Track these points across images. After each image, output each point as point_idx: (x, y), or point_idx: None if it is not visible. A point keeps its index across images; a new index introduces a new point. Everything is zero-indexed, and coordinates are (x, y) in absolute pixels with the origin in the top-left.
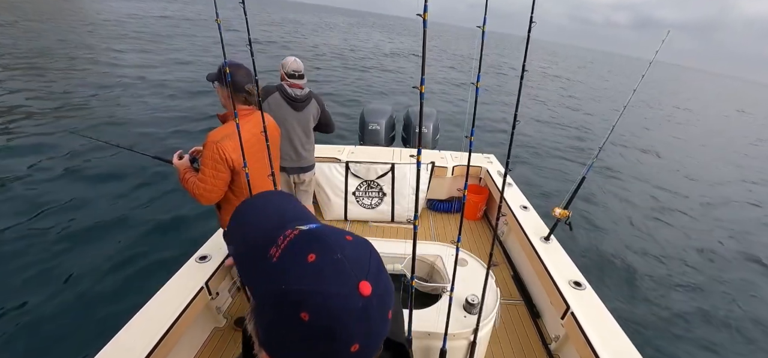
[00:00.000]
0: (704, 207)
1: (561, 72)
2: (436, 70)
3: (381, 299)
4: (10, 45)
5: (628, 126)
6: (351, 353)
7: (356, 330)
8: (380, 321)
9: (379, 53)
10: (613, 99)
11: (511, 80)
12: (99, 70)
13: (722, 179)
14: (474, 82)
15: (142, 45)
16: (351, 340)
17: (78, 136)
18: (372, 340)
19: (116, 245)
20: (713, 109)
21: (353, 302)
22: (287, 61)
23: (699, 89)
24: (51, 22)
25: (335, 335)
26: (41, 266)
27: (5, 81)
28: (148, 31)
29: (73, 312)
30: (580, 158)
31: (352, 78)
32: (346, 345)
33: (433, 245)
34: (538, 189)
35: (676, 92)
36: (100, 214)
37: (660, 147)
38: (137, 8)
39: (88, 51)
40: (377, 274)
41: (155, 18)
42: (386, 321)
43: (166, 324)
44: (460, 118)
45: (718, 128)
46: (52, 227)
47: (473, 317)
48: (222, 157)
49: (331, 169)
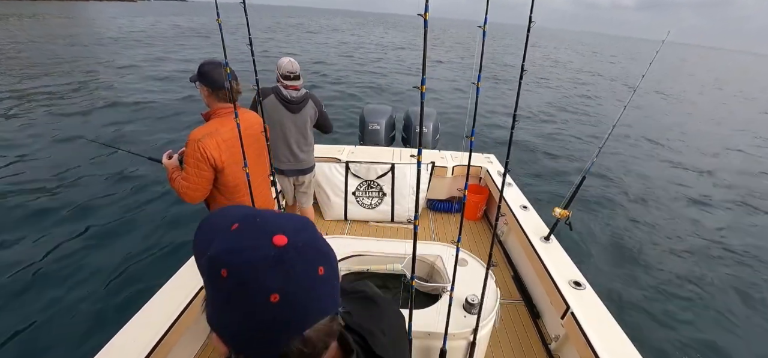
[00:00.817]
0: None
1: (566, 60)
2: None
3: (301, 250)
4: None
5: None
6: (272, 305)
7: (271, 279)
8: (303, 274)
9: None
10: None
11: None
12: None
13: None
14: (474, 82)
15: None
16: (267, 289)
17: (84, 141)
18: (294, 292)
19: (116, 244)
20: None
21: (265, 251)
22: (282, 62)
23: (708, 68)
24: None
25: (249, 286)
26: (31, 268)
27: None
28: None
29: (73, 311)
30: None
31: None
32: (263, 295)
33: (433, 245)
34: (539, 189)
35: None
36: (101, 213)
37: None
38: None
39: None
40: (298, 230)
41: (170, 26)
42: (314, 277)
43: (165, 324)
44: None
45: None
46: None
47: (473, 317)
48: (203, 155)
49: (331, 169)
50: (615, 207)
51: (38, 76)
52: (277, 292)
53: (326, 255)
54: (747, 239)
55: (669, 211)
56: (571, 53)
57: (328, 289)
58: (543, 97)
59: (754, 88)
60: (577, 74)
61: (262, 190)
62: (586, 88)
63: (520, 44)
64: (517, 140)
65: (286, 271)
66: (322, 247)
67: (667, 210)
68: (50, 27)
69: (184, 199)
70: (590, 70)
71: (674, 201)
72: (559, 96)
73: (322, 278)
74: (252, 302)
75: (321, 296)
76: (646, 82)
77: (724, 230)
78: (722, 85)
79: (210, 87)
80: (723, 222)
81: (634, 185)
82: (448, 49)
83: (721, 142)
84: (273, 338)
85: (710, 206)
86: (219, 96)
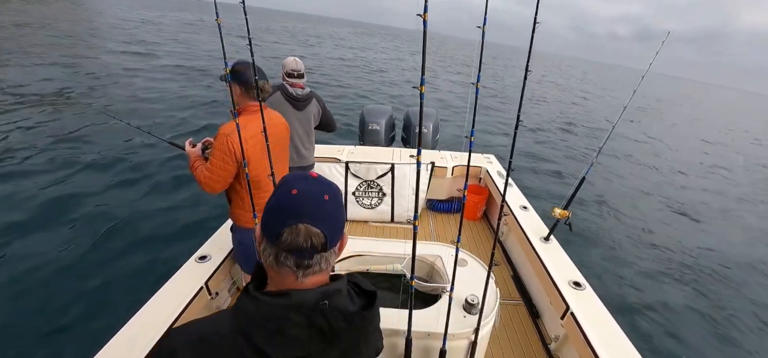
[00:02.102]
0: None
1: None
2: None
3: (315, 185)
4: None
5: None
6: (292, 196)
7: (295, 182)
8: (312, 187)
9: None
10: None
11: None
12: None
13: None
14: (474, 82)
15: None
16: (290, 186)
17: (106, 116)
18: (306, 192)
19: (113, 244)
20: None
21: (298, 179)
22: (287, 60)
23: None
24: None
25: (282, 185)
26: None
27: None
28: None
29: (70, 312)
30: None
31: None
32: (288, 188)
33: (433, 245)
34: (539, 189)
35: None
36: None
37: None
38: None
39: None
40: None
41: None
42: (321, 192)
43: (165, 324)
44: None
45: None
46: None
47: (473, 317)
48: (230, 149)
49: (330, 169)
50: (615, 207)
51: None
52: (296, 188)
53: (331, 188)
54: (747, 244)
55: (669, 211)
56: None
57: (314, 202)
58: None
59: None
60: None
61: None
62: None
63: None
64: (518, 142)
65: (304, 183)
66: (330, 188)
67: (667, 210)
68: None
69: (204, 189)
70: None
71: (674, 202)
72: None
73: (325, 202)
74: (281, 191)
75: (311, 203)
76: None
77: (725, 230)
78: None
79: (243, 86)
80: (723, 222)
81: (634, 185)
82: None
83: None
84: (279, 218)
85: (710, 206)
86: (251, 95)
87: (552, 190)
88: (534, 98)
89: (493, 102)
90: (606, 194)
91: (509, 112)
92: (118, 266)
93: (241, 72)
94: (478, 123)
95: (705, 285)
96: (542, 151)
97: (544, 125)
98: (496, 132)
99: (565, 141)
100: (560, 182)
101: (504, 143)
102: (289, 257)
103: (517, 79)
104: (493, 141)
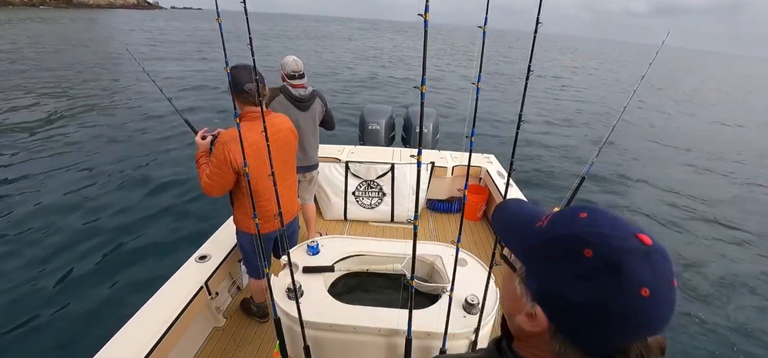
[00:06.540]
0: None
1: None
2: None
3: (663, 255)
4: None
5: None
6: (640, 297)
7: (641, 271)
8: (664, 279)
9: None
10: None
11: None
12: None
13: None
14: (474, 82)
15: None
16: (638, 280)
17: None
18: (658, 293)
19: (112, 242)
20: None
21: (634, 243)
22: (287, 61)
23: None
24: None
25: (621, 268)
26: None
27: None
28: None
29: (70, 312)
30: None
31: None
32: (634, 285)
33: (433, 245)
34: (539, 189)
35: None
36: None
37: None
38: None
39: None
40: (654, 239)
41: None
42: (671, 285)
43: (165, 324)
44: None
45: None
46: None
47: (473, 317)
48: (226, 158)
49: (331, 169)
50: (615, 207)
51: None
52: (647, 286)
53: (672, 266)
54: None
55: (669, 211)
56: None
57: (672, 304)
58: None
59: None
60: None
61: (287, 196)
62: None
63: (518, 51)
64: (520, 141)
65: (654, 269)
66: (669, 257)
67: (667, 210)
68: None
69: (203, 191)
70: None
71: (674, 200)
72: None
73: (674, 290)
74: (620, 287)
75: (670, 306)
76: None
77: (724, 230)
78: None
79: (235, 89)
80: (727, 218)
81: (633, 184)
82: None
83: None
84: (624, 329)
85: (709, 204)
86: (242, 98)
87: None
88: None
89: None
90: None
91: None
92: (119, 266)
93: (234, 75)
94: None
95: (714, 281)
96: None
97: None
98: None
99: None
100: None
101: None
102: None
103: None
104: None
